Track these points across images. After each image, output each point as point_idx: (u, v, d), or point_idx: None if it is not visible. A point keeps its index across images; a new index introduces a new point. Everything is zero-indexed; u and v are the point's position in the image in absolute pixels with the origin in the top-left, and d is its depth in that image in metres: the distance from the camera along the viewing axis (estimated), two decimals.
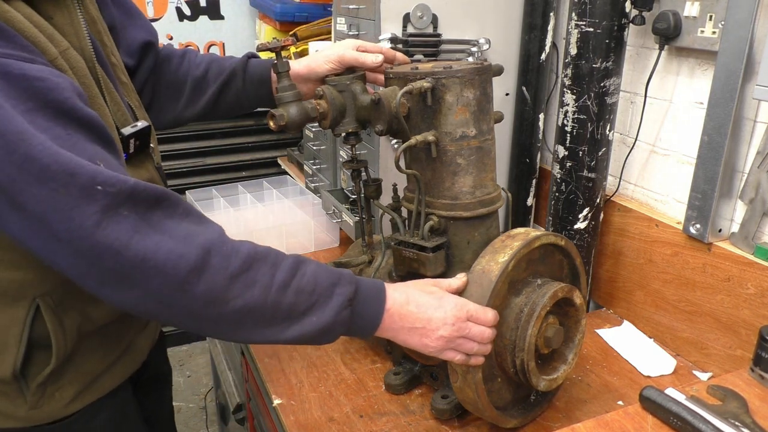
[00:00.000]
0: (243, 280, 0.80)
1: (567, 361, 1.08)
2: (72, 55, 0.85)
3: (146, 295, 0.77)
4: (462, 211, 1.07)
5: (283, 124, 1.02)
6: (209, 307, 0.79)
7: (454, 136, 1.04)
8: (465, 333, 0.94)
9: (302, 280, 0.85)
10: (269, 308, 0.82)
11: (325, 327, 0.86)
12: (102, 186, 0.73)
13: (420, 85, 0.99)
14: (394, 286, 0.95)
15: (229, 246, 0.81)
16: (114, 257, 0.74)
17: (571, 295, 1.05)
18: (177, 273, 0.76)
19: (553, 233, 1.08)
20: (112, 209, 0.74)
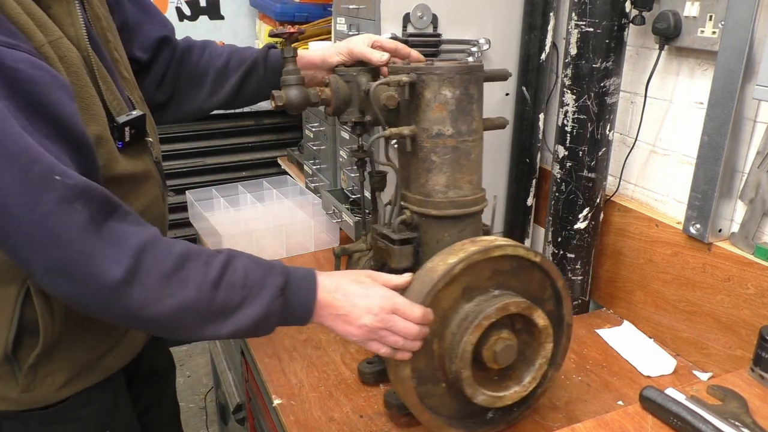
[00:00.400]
0: (176, 280, 0.83)
1: (522, 383, 1.04)
2: (64, 44, 0.87)
3: (84, 293, 0.81)
4: (432, 209, 1.07)
5: (281, 104, 1.10)
6: (144, 309, 0.82)
7: (431, 132, 1.04)
8: (389, 325, 0.93)
9: (233, 275, 0.87)
10: (203, 305, 0.85)
11: (260, 318, 0.88)
12: (60, 177, 0.76)
13: (398, 78, 1.02)
14: (326, 274, 0.97)
15: (162, 247, 0.84)
16: (60, 248, 0.77)
17: (529, 313, 1.00)
18: (112, 276, 0.79)
19: (526, 248, 1.03)
20: (67, 201, 0.77)
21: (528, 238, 1.74)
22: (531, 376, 1.03)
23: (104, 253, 0.79)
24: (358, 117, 1.16)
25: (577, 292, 1.51)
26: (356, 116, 1.16)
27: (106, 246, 0.80)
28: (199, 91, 1.28)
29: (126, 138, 0.97)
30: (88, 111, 0.90)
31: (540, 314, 1.01)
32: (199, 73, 1.27)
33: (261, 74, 1.26)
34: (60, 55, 0.86)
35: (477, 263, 0.99)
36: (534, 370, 1.04)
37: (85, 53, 0.91)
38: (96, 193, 0.80)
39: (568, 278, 1.49)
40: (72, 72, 0.88)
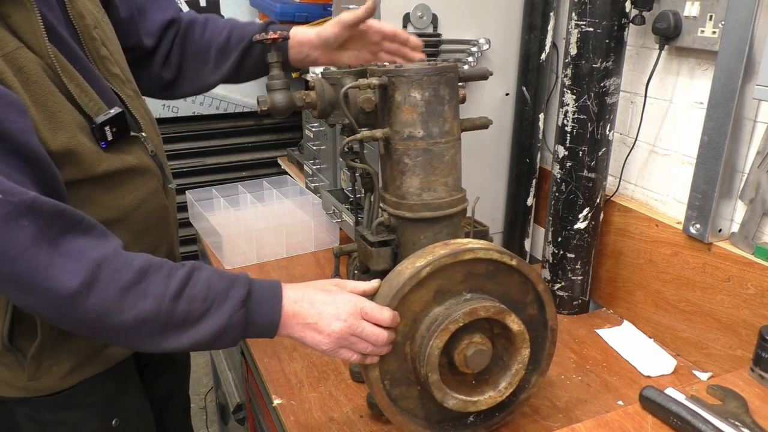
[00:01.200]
0: (135, 292, 0.83)
1: (497, 389, 1.02)
2: (22, 54, 0.86)
3: (41, 304, 0.81)
4: (406, 212, 1.07)
5: (265, 109, 1.11)
6: (101, 320, 0.82)
7: (402, 135, 1.05)
8: (358, 331, 0.92)
9: (195, 288, 0.87)
10: (163, 318, 0.84)
11: (220, 330, 0.88)
12: (3, 195, 0.76)
13: (368, 81, 1.03)
14: (292, 286, 0.96)
15: (121, 259, 0.84)
16: (9, 263, 0.77)
17: (502, 318, 0.98)
18: (67, 287, 0.79)
19: (502, 251, 1.01)
20: (12, 218, 0.77)
21: (528, 238, 1.74)
22: (507, 382, 1.02)
23: (59, 265, 0.79)
24: (344, 119, 1.17)
25: (577, 292, 1.51)
26: (342, 119, 1.16)
27: (62, 259, 0.80)
28: (203, 67, 1.28)
29: (108, 137, 0.96)
30: (53, 119, 0.88)
31: (513, 319, 0.99)
32: (202, 50, 1.27)
33: (260, 50, 1.25)
34: (16, 66, 0.85)
35: (447, 266, 0.98)
36: (510, 376, 1.02)
37: (48, 60, 0.89)
38: (45, 208, 0.80)
39: (568, 278, 1.49)
40: (32, 82, 0.86)
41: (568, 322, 1.49)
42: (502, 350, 1.03)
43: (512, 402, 1.10)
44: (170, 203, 1.16)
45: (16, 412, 1.05)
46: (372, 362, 0.97)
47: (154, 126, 1.15)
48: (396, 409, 1.02)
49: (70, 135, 0.90)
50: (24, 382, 1.00)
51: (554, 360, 1.14)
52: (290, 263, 1.79)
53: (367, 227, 1.18)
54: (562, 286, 1.51)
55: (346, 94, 1.07)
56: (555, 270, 1.50)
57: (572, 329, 1.46)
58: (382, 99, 1.07)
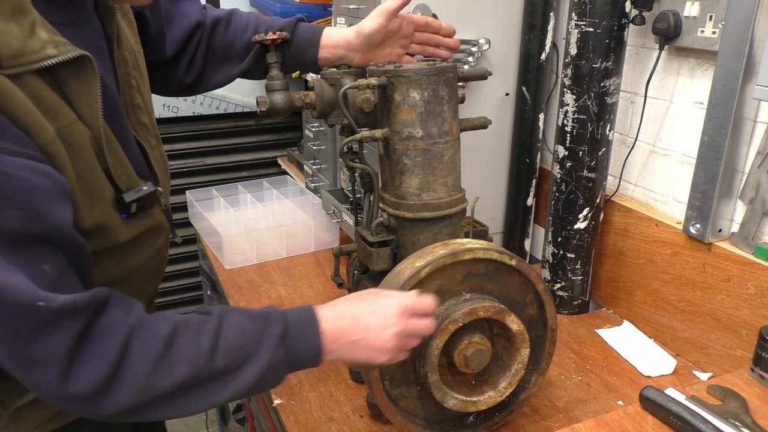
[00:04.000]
0: (168, 360, 0.79)
1: (497, 389, 1.02)
2: (76, 129, 0.80)
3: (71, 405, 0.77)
4: (405, 212, 1.07)
5: (265, 110, 1.12)
6: (139, 398, 0.77)
7: (402, 135, 1.05)
8: (409, 332, 0.89)
9: (228, 338, 0.83)
10: (201, 378, 0.80)
11: (263, 373, 0.83)
12: (45, 302, 0.72)
13: (367, 81, 1.03)
14: (326, 305, 0.91)
15: (147, 326, 0.80)
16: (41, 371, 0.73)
17: (501, 318, 0.98)
18: (100, 380, 0.75)
19: (501, 251, 1.01)
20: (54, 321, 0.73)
21: (528, 238, 1.74)
22: (507, 382, 1.02)
23: (90, 353, 0.75)
24: (344, 119, 1.17)
25: (577, 292, 1.51)
26: (342, 119, 1.16)
27: (93, 344, 0.76)
28: (227, 65, 1.23)
29: (131, 211, 0.92)
30: (92, 195, 0.84)
31: (513, 319, 0.99)
32: (227, 47, 1.22)
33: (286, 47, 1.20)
34: (68, 142, 0.79)
35: (447, 266, 0.98)
36: (510, 376, 1.02)
37: (97, 134, 0.84)
38: (84, 304, 0.76)
39: (568, 278, 1.49)
40: (79, 158, 0.81)
41: (568, 322, 1.49)
42: (502, 350, 1.03)
43: (512, 402, 1.10)
44: (167, 254, 1.11)
45: None
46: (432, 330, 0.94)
47: (168, 172, 1.09)
48: (396, 409, 1.02)
49: (103, 211, 0.86)
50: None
51: (554, 360, 1.14)
52: (290, 263, 1.79)
53: (367, 227, 1.18)
54: (562, 286, 1.51)
55: (345, 95, 1.07)
56: (555, 270, 1.50)
57: (572, 329, 1.46)
58: (381, 99, 1.07)
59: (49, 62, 0.76)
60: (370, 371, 0.98)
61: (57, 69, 0.78)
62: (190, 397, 0.81)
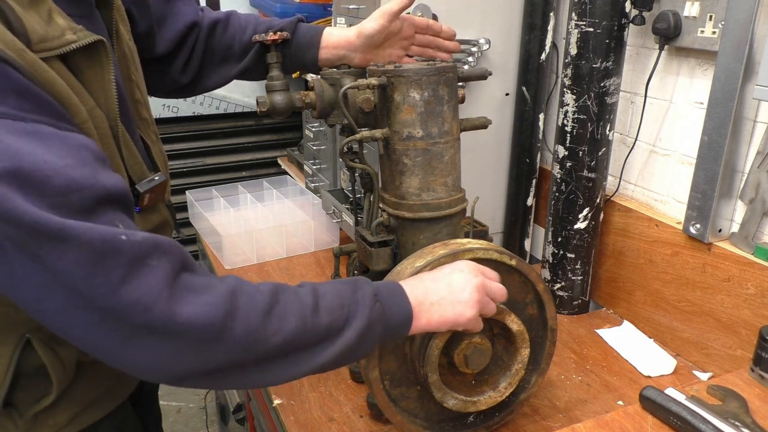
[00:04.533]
0: (276, 315, 0.77)
1: (497, 389, 1.02)
2: (97, 114, 0.81)
3: (181, 351, 0.72)
4: (405, 212, 1.07)
5: (265, 110, 1.12)
6: (251, 350, 0.75)
7: (402, 135, 1.05)
8: (488, 288, 0.91)
9: (326, 299, 0.83)
10: (310, 333, 0.79)
11: (365, 330, 0.83)
12: (126, 236, 0.69)
13: (367, 81, 1.03)
14: (403, 281, 0.92)
15: (249, 285, 0.79)
16: (144, 313, 0.69)
17: (501, 318, 0.98)
18: (212, 321, 0.72)
19: (501, 251, 1.01)
20: (140, 259, 0.69)
21: (528, 238, 1.74)
22: (507, 382, 1.02)
23: (195, 300, 0.72)
24: (344, 119, 1.17)
25: (577, 292, 1.51)
26: (341, 119, 1.16)
27: (195, 295, 0.72)
28: (224, 66, 1.23)
29: (144, 203, 0.92)
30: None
31: (513, 319, 0.99)
32: (225, 47, 1.22)
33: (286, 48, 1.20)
34: (95, 125, 0.80)
35: None
36: (510, 376, 1.02)
37: (113, 122, 0.84)
38: (165, 244, 0.73)
39: (568, 278, 1.49)
40: (104, 143, 0.82)
41: (568, 322, 1.49)
42: (502, 350, 1.03)
43: (512, 402, 1.10)
44: None
45: None
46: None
47: (167, 168, 1.09)
48: (396, 409, 1.02)
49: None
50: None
51: (554, 360, 1.14)
52: (290, 263, 1.79)
53: (367, 227, 1.18)
54: (562, 286, 1.51)
55: (345, 95, 1.07)
56: (555, 270, 1.50)
57: (572, 329, 1.46)
58: (381, 99, 1.07)
59: (71, 47, 0.76)
60: (370, 371, 0.98)
61: (73, 56, 0.78)
62: (299, 356, 0.79)
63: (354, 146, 1.14)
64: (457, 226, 1.12)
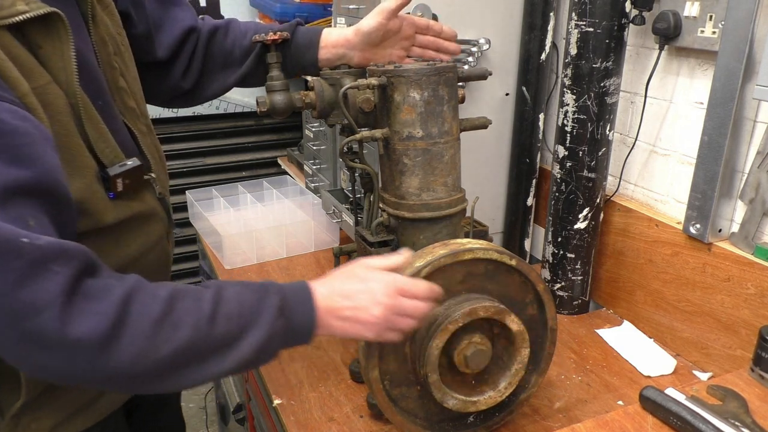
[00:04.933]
0: (168, 324, 0.76)
1: (497, 389, 1.02)
2: (51, 90, 0.80)
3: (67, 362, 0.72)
4: (405, 212, 1.07)
5: (265, 110, 1.12)
6: (138, 362, 0.74)
7: (402, 135, 1.05)
8: (398, 310, 0.88)
9: (227, 306, 0.81)
10: (202, 343, 0.78)
11: (262, 343, 0.82)
12: (28, 239, 0.69)
13: (367, 81, 1.03)
14: (319, 282, 0.90)
15: (147, 291, 0.77)
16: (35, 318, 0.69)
17: (501, 318, 0.98)
18: (98, 335, 0.71)
19: (501, 251, 1.01)
20: (40, 264, 0.69)
21: (528, 238, 1.74)
22: (507, 382, 1.02)
23: (87, 309, 0.71)
24: (344, 119, 1.16)
25: (577, 292, 1.51)
26: (342, 119, 1.15)
27: (90, 301, 0.72)
28: (225, 72, 1.24)
29: (118, 188, 0.90)
30: (72, 163, 0.83)
31: (513, 319, 0.99)
32: (226, 53, 1.22)
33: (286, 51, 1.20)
34: (45, 102, 0.79)
35: (446, 266, 0.98)
36: (510, 376, 1.02)
37: (73, 99, 0.83)
38: (73, 252, 0.73)
39: (568, 278, 1.49)
40: (56, 121, 0.80)
41: (568, 322, 1.49)
42: (502, 350, 1.03)
43: (512, 402, 1.10)
44: (171, 249, 1.10)
45: None
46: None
47: (163, 162, 1.09)
48: (396, 409, 1.02)
49: (86, 183, 0.85)
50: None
51: (554, 360, 1.14)
52: (290, 263, 1.79)
53: (367, 227, 1.18)
54: (562, 286, 1.51)
55: (345, 95, 1.07)
56: (555, 270, 1.50)
57: (572, 329, 1.46)
58: (381, 99, 1.07)
59: (20, 18, 0.75)
60: (370, 371, 0.98)
61: (28, 28, 0.77)
62: (191, 366, 0.78)
63: (354, 146, 1.14)
64: (457, 226, 1.12)
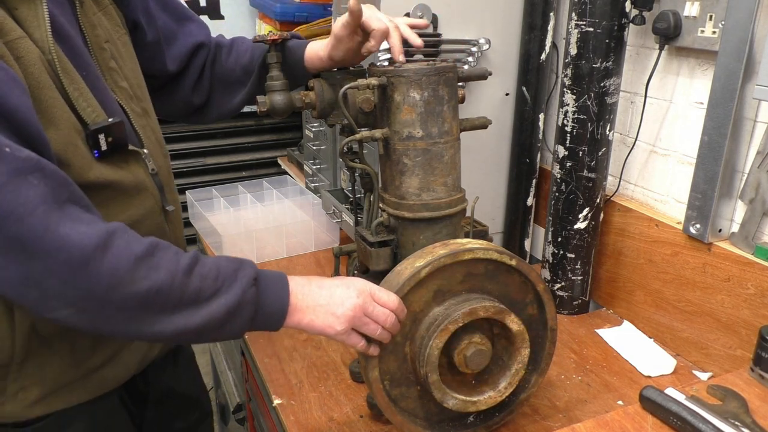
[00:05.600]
0: (148, 263, 0.80)
1: (497, 389, 1.02)
2: (23, 44, 0.84)
3: (47, 272, 0.75)
4: (406, 212, 1.07)
5: (264, 110, 1.12)
6: (114, 289, 0.77)
7: (402, 135, 1.05)
8: (369, 311, 0.91)
9: (204, 267, 0.85)
10: (176, 292, 0.81)
11: (233, 307, 0.85)
12: (10, 149, 0.73)
13: (367, 81, 1.03)
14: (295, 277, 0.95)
15: (131, 233, 0.82)
16: (17, 223, 0.73)
17: (501, 318, 0.98)
18: (81, 247, 0.75)
19: (501, 251, 1.01)
20: (20, 174, 0.73)
21: (528, 238, 1.74)
22: (507, 382, 1.02)
23: (71, 226, 0.75)
24: (342, 120, 1.17)
25: (577, 292, 1.51)
26: (342, 120, 1.16)
27: (73, 222, 0.76)
28: (231, 89, 1.26)
29: (102, 146, 0.92)
30: (46, 114, 0.86)
31: (513, 319, 0.99)
32: (228, 72, 1.25)
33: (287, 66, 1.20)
34: (16, 55, 0.83)
35: (447, 266, 0.98)
36: (510, 376, 1.02)
37: (49, 56, 0.87)
38: (51, 170, 0.77)
39: (568, 278, 1.49)
40: (29, 73, 0.84)
41: (568, 322, 1.49)
42: (502, 350, 1.03)
43: (512, 402, 1.10)
44: (171, 227, 1.11)
45: None
46: (374, 353, 0.96)
47: (161, 146, 1.12)
48: (396, 409, 1.02)
49: (63, 134, 0.87)
50: None
51: (554, 360, 1.14)
52: (290, 263, 1.79)
53: (367, 227, 1.18)
54: (562, 286, 1.51)
55: (345, 95, 1.07)
56: (555, 270, 1.50)
57: (572, 329, 1.46)
58: (381, 99, 1.07)
59: None
60: (370, 371, 0.98)
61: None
62: (160, 313, 0.81)
63: (354, 146, 1.14)
64: (457, 226, 1.12)
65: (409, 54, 1.43)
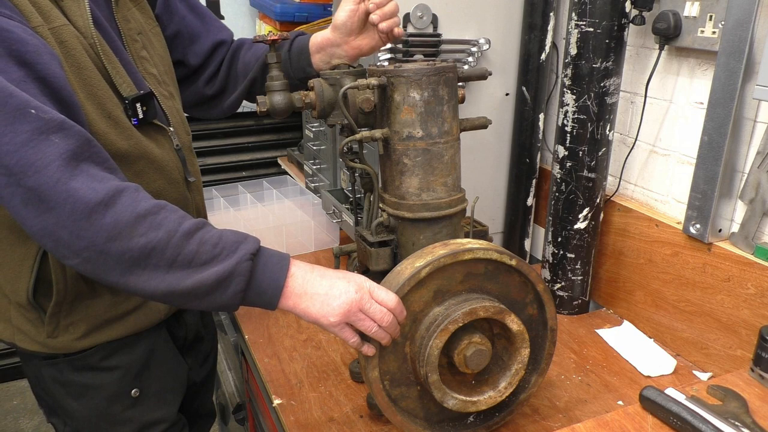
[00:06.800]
0: (149, 221, 0.85)
1: (497, 389, 1.02)
2: (66, 30, 0.94)
3: (57, 222, 0.82)
4: (405, 212, 1.07)
5: (264, 110, 1.13)
6: (112, 242, 0.83)
7: (401, 135, 1.05)
8: (366, 307, 0.92)
9: (207, 233, 0.88)
10: (171, 251, 0.85)
11: (224, 276, 0.86)
12: (36, 110, 0.81)
13: (367, 82, 1.03)
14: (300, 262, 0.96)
15: (142, 193, 0.88)
16: (34, 176, 0.81)
17: (501, 318, 0.98)
18: (85, 201, 0.82)
19: (501, 251, 1.01)
20: (43, 133, 0.82)
21: (528, 238, 1.74)
22: (507, 382, 1.02)
23: (81, 181, 0.82)
24: (342, 120, 1.17)
25: (577, 292, 1.51)
26: (342, 119, 1.16)
27: (85, 177, 0.83)
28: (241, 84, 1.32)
29: (139, 114, 1.04)
30: (89, 90, 0.96)
31: (513, 319, 0.99)
32: (245, 67, 1.31)
33: (286, 59, 1.28)
34: (59, 40, 0.93)
35: (446, 266, 0.98)
36: (510, 376, 1.02)
37: (91, 40, 0.98)
38: (75, 131, 0.84)
39: (568, 278, 1.49)
40: (71, 56, 0.94)
41: (568, 322, 1.49)
42: (502, 350, 1.03)
43: (512, 402, 1.10)
44: (192, 195, 1.20)
45: (43, 370, 1.12)
46: (369, 353, 0.96)
47: (185, 126, 1.21)
48: (396, 409, 1.02)
49: (105, 107, 0.98)
50: (44, 339, 1.07)
51: (554, 360, 1.14)
52: None
53: (367, 227, 1.18)
54: (562, 286, 1.51)
55: (345, 95, 1.07)
56: (555, 270, 1.50)
57: (572, 329, 1.46)
58: (381, 99, 1.07)
59: None
60: (370, 371, 0.98)
61: None
62: (155, 270, 0.85)
63: (354, 146, 1.14)
64: (457, 226, 1.12)
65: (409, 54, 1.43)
